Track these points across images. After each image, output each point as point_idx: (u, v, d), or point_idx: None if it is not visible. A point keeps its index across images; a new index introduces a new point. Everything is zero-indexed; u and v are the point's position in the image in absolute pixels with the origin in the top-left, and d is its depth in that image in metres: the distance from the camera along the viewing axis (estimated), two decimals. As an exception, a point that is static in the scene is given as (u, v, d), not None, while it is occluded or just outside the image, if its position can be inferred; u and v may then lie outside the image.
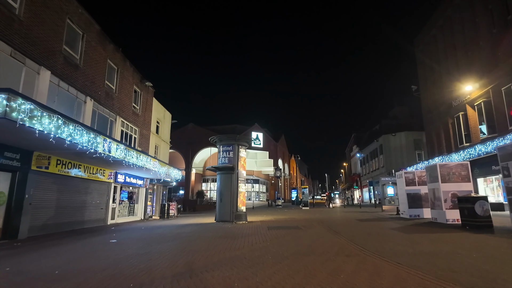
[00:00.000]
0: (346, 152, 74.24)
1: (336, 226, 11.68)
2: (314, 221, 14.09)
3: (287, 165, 64.97)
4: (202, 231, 10.72)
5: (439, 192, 11.92)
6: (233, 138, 14.40)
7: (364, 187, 53.04)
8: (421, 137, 39.67)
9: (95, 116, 14.23)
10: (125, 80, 17.29)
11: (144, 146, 19.86)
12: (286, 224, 12.86)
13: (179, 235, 9.82)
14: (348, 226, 11.58)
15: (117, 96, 16.26)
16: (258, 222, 14.12)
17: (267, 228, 11.22)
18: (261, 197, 51.13)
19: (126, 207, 17.98)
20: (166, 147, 24.95)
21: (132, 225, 15.11)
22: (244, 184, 14.53)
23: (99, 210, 14.65)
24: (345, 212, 21.34)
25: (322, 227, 11.31)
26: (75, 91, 12.66)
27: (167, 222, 16.72)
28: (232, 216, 13.72)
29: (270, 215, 19.03)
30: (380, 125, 54.30)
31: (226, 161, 14.38)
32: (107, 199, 15.28)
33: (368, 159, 49.55)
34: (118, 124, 16.49)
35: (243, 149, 14.77)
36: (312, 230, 10.28)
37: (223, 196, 14.12)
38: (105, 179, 14.84)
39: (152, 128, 21.67)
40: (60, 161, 11.41)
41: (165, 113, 24.67)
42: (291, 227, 11.47)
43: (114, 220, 16.20)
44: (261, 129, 54.38)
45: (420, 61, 30.38)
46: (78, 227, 12.88)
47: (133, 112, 18.36)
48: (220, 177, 14.54)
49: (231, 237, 8.88)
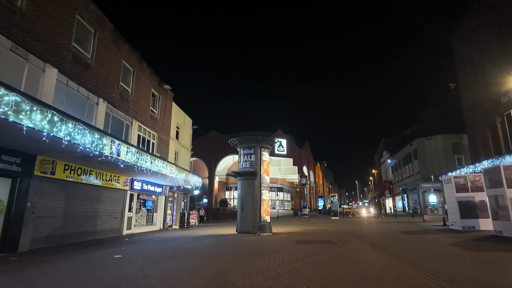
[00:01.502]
0: (375, 159, 70.67)
1: (377, 240, 9.86)
2: (349, 233, 12.30)
3: (312, 173, 62.65)
4: (220, 245, 9.32)
5: (505, 199, 9.81)
6: (255, 140, 13.00)
7: (397, 195, 49.64)
8: (460, 140, 36.45)
9: (108, 119, 13.40)
10: (141, 83, 16.52)
11: (163, 152, 18.95)
12: (317, 237, 11.18)
13: (193, 250, 8.47)
14: (393, 241, 9.73)
15: (133, 99, 15.46)
16: (284, 234, 12.53)
17: (296, 242, 9.62)
18: (286, 206, 49.22)
19: (144, 216, 17.01)
20: (186, 153, 24.03)
21: (148, 235, 14.02)
22: (268, 191, 13.04)
23: (113, 220, 13.68)
24: (381, 223, 19.18)
25: (361, 241, 9.56)
26: (86, 91, 11.87)
27: (185, 232, 15.51)
28: (255, 227, 12.24)
29: (297, 226, 17.34)
30: (411, 128, 51.18)
31: (247, 165, 12.99)
32: (123, 208, 14.32)
33: (401, 165, 46.37)
34: (135, 129, 15.64)
35: (266, 152, 13.34)
36: (350, 246, 8.58)
37: (245, 204, 12.69)
38: (120, 187, 13.90)
39: (172, 133, 20.80)
40: (68, 166, 10.51)
41: (185, 118, 23.82)
42: (324, 241, 9.79)
43: (130, 230, 15.21)
44: (284, 135, 52.87)
45: (458, 56, 27.75)
46: (89, 238, 11.92)
47: (151, 116, 17.53)
48: (241, 184, 13.16)
49: (253, 254, 7.40)
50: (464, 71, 26.69)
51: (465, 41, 26.24)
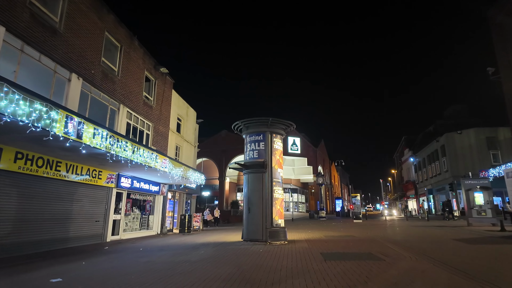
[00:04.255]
0: (395, 158, 66.68)
1: (436, 253, 6.96)
2: (387, 241, 9.41)
3: (328, 173, 59.35)
4: (216, 261, 6.66)
5: None
6: (264, 122, 10.30)
7: (421, 196, 45.83)
8: (495, 134, 32.71)
9: (85, 100, 11.02)
10: (132, 63, 14.13)
11: (160, 145, 16.53)
12: (348, 247, 8.36)
13: (174, 269, 5.85)
14: (460, 255, 6.82)
15: (120, 80, 13.07)
16: (303, 242, 9.78)
17: (322, 256, 6.86)
18: (300, 208, 46.24)
19: (137, 220, 14.57)
20: (190, 149, 21.56)
21: (137, 242, 11.55)
22: (281, 188, 10.31)
23: (93, 224, 11.26)
24: (416, 227, 16.09)
25: (413, 255, 6.69)
26: (53, 63, 9.50)
27: (183, 239, 12.96)
28: (265, 233, 9.53)
29: (316, 231, 14.51)
30: (434, 125, 47.41)
31: (255, 155, 10.31)
32: (106, 209, 11.89)
33: (425, 163, 42.61)
34: (123, 115, 13.24)
35: (279, 139, 10.64)
36: (405, 264, 5.75)
37: (252, 204, 10.00)
38: (103, 183, 11.49)
39: (172, 125, 18.38)
40: (23, 155, 8.12)
41: (188, 109, 21.38)
42: (362, 255, 6.97)
43: (118, 235, 12.77)
44: (298, 134, 49.91)
45: (498, 37, 24.29)
46: (60, 246, 9.50)
47: (144, 103, 15.12)
48: (247, 179, 10.49)
49: (260, 280, 4.70)
50: (505, 54, 23.24)
51: (506, 18, 22.83)
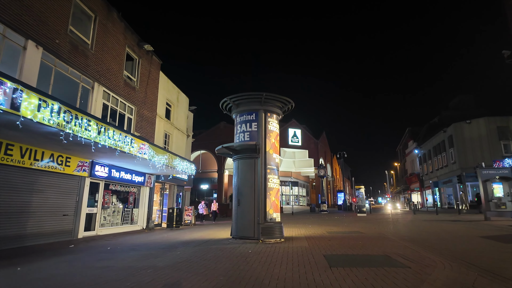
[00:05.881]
0: (398, 151, 65.04)
1: (474, 257, 5.40)
2: (401, 239, 7.86)
3: (329, 166, 57.81)
4: (184, 270, 5.13)
5: None
6: (257, 99, 8.66)
7: (426, 189, 44.30)
8: (507, 123, 31.00)
9: (49, 74, 9.42)
10: (110, 37, 12.49)
11: (146, 131, 14.96)
12: (356, 246, 6.82)
13: (122, 282, 4.33)
14: (504, 259, 5.26)
15: (94, 54, 11.44)
16: (302, 239, 8.25)
17: (326, 260, 5.32)
18: (301, 201, 44.77)
19: (118, 213, 13.09)
20: (182, 137, 19.99)
21: (114, 239, 10.08)
22: (276, 176, 8.75)
23: (61, 218, 9.76)
24: (429, 221, 14.54)
25: (443, 258, 5.14)
26: (1, 26, 7.90)
27: (168, 235, 11.48)
28: (257, 229, 7.99)
29: (317, 226, 13.00)
30: (439, 116, 45.72)
31: (246, 138, 8.72)
32: (78, 201, 10.38)
33: (431, 155, 40.98)
34: (98, 95, 11.64)
35: (274, 119, 9.03)
36: (441, 275, 4.19)
37: (242, 196, 8.43)
38: (71, 172, 9.96)
39: (160, 110, 16.78)
40: (-44, 134, 6.59)
41: (180, 95, 19.74)
42: (377, 259, 5.42)
43: (93, 231, 11.29)
44: (299, 125, 48.28)
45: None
46: (12, 245, 8.03)
47: (125, 83, 13.51)
48: (237, 166, 8.90)
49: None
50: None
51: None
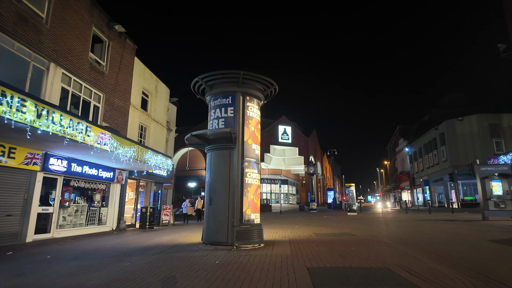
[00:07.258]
0: (389, 149, 64.65)
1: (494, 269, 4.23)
2: (399, 244, 6.68)
3: (319, 164, 56.91)
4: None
5: None
6: (234, 79, 7.31)
7: (417, 187, 43.78)
8: (498, 120, 30.52)
9: (-15, 48, 7.92)
10: (71, 12, 10.97)
11: (116, 122, 13.47)
12: (349, 255, 5.58)
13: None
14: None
15: (49, 30, 9.92)
16: (285, 244, 6.99)
17: (310, 276, 4.05)
18: (291, 199, 43.73)
19: (82, 213, 11.61)
20: (161, 131, 18.52)
21: (69, 243, 8.67)
22: (256, 170, 7.46)
23: (3, 219, 8.27)
24: (424, 221, 13.47)
25: (460, 273, 3.94)
26: None
27: (135, 237, 10.08)
28: (231, 233, 6.68)
29: (305, 226, 11.79)
30: (430, 114, 45.31)
31: (220, 124, 7.39)
32: (26, 199, 8.90)
33: (422, 153, 40.43)
34: (55, 78, 10.13)
35: (254, 103, 7.73)
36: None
37: (215, 193, 7.11)
38: (17, 165, 8.48)
39: (134, 100, 15.28)
40: None
41: (158, 84, 18.25)
42: (376, 274, 4.17)
43: (49, 233, 9.81)
44: (289, 122, 47.20)
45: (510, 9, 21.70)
46: None
47: (92, 66, 12.00)
48: (210, 158, 7.57)
49: None
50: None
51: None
